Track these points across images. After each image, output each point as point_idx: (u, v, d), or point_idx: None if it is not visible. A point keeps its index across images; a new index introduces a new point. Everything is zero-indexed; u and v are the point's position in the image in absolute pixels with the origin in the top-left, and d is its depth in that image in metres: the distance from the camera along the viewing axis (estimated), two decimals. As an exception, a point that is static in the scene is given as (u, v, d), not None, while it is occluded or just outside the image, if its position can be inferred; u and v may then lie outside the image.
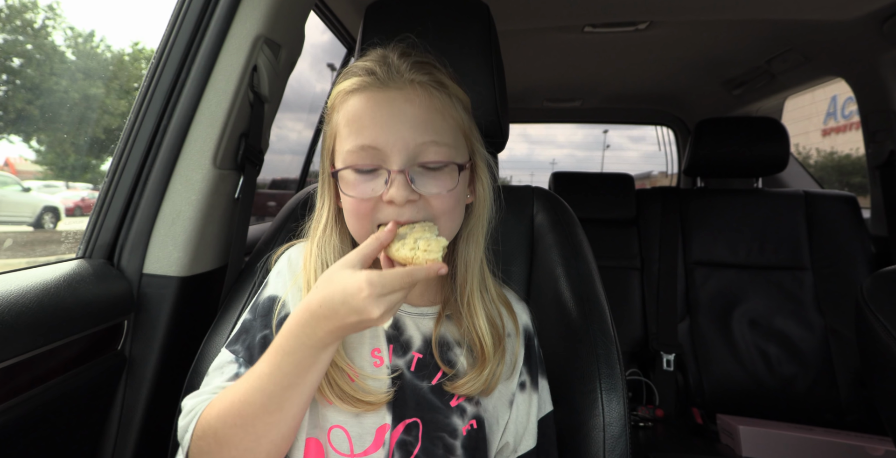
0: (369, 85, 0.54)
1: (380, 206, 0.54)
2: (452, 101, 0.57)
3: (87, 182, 2.99)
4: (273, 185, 3.48)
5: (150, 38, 3.75)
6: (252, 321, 0.60)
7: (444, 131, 0.55)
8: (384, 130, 0.52)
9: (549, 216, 0.84)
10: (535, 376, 0.65)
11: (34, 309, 0.59)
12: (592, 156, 58.23)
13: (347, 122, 0.54)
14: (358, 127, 0.53)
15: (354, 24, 1.54)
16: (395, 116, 0.53)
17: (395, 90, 0.53)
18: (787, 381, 1.54)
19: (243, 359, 0.57)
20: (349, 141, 0.54)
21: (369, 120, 0.53)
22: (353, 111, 0.54)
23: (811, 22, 1.47)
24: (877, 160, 1.60)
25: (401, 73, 0.54)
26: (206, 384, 0.58)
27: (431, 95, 0.55)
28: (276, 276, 0.63)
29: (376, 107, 0.53)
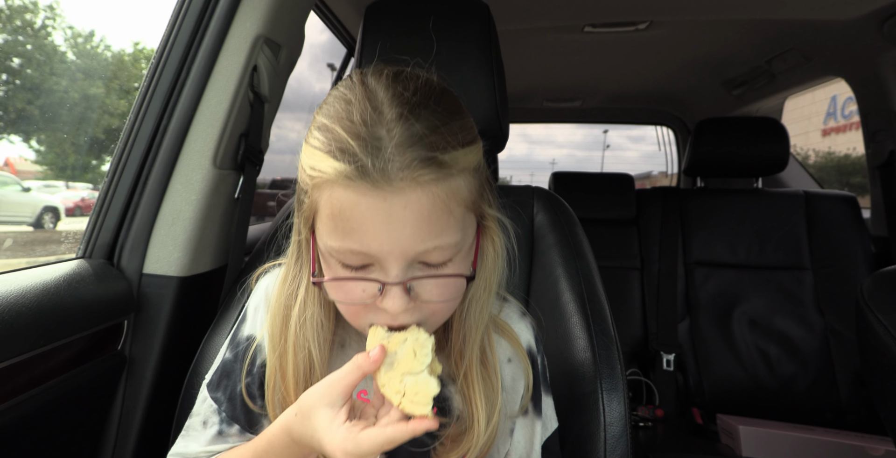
0: (357, 180, 0.41)
1: (372, 307, 0.46)
2: (461, 180, 0.44)
3: (87, 182, 2.99)
4: (273, 185, 3.48)
5: (150, 38, 3.75)
6: (233, 363, 0.56)
7: (449, 230, 0.44)
8: (377, 239, 0.42)
9: (550, 216, 0.84)
10: (538, 398, 0.59)
11: (34, 309, 0.59)
12: (592, 156, 58.30)
13: (331, 215, 0.43)
14: (345, 229, 0.42)
15: (354, 24, 1.54)
16: (391, 223, 0.42)
17: (392, 193, 0.41)
18: (788, 381, 1.54)
19: (226, 414, 0.54)
20: (334, 239, 0.44)
21: (358, 225, 0.42)
22: (337, 208, 0.42)
23: (811, 22, 1.47)
24: (877, 160, 1.60)
25: (399, 169, 0.40)
26: (188, 433, 0.57)
27: (436, 192, 0.42)
28: (252, 312, 0.58)
29: (367, 212, 0.41)
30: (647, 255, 1.77)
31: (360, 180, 0.40)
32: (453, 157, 0.43)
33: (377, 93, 0.43)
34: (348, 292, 0.45)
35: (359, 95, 0.43)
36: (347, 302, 0.47)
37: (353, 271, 0.44)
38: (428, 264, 0.45)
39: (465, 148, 0.44)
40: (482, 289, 0.53)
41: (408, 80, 0.45)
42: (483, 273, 0.53)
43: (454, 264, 0.46)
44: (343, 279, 0.45)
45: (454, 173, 0.44)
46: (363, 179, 0.40)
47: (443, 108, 0.44)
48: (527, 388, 0.58)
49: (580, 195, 1.88)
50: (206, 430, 0.55)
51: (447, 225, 0.44)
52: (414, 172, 0.41)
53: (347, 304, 0.47)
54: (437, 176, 0.42)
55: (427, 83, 0.46)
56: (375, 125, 0.41)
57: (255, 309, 0.59)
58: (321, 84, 2.02)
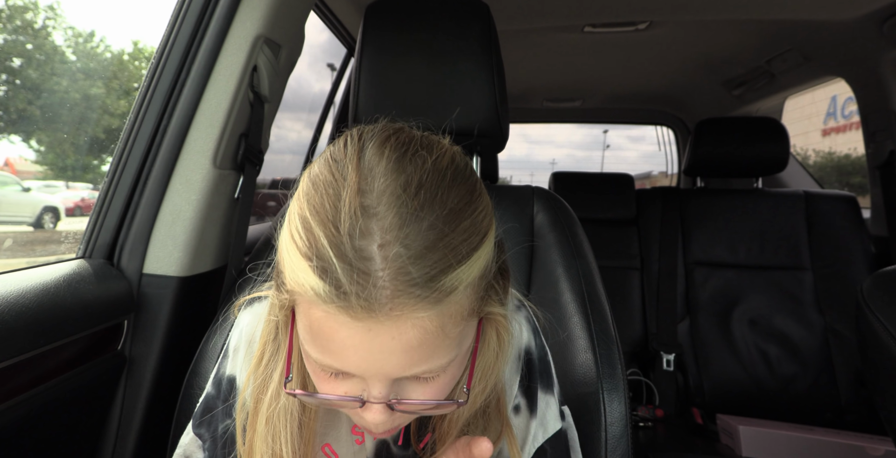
0: (337, 309, 0.34)
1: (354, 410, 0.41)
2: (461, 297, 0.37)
3: (87, 182, 2.99)
4: (273, 185, 3.48)
5: (150, 37, 3.75)
6: (215, 400, 0.53)
7: (441, 351, 0.38)
8: (360, 364, 0.37)
9: (550, 216, 0.84)
10: (532, 397, 0.54)
11: (34, 309, 0.59)
12: (592, 156, 58.28)
13: (310, 329, 0.38)
14: (324, 348, 0.37)
15: (354, 24, 1.54)
16: (375, 353, 0.36)
17: (376, 324, 0.35)
18: (788, 381, 1.54)
19: (208, 453, 0.52)
20: (313, 350, 0.38)
21: (338, 348, 0.36)
22: (317, 325, 0.37)
23: (811, 22, 1.47)
24: (877, 160, 1.60)
25: (386, 299, 0.34)
26: None
27: (427, 324, 0.36)
28: (233, 351, 0.54)
29: (349, 340, 0.36)
30: (647, 255, 1.77)
31: (342, 311, 0.34)
32: (453, 279, 0.36)
33: (373, 185, 0.36)
34: (332, 386, 0.40)
35: (350, 190, 0.35)
36: (326, 406, 0.43)
37: (333, 376, 0.40)
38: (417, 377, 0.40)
39: (469, 260, 0.37)
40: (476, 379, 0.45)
41: (413, 163, 0.37)
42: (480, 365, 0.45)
43: (446, 375, 0.41)
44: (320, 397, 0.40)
45: (453, 298, 0.36)
46: (345, 311, 0.34)
47: (449, 208, 0.36)
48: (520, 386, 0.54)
49: (580, 195, 1.88)
50: None
51: (439, 348, 0.38)
52: (405, 308, 0.34)
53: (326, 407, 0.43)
54: (431, 310, 0.35)
55: (436, 168, 0.38)
56: (365, 239, 0.34)
57: (234, 350, 0.54)
58: (321, 84, 2.02)
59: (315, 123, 1.91)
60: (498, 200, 0.74)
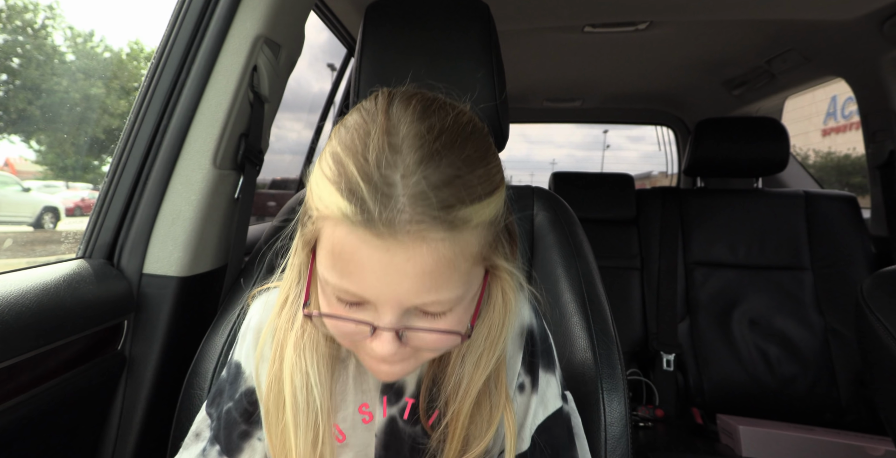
0: (361, 226, 0.38)
1: (365, 340, 0.44)
2: (472, 236, 0.41)
3: (88, 182, 2.99)
4: (273, 185, 3.48)
5: (149, 37, 3.75)
6: (225, 383, 0.56)
7: (450, 285, 0.41)
8: (375, 286, 0.40)
9: (550, 216, 0.84)
10: (535, 375, 0.57)
11: (34, 309, 0.59)
12: (591, 156, 58.29)
13: (331, 252, 0.41)
14: (344, 270, 0.40)
15: (354, 24, 1.54)
16: (391, 274, 0.39)
17: (395, 245, 0.38)
18: (788, 381, 1.54)
19: (213, 432, 0.55)
20: (332, 275, 0.42)
21: (357, 268, 0.40)
22: (338, 246, 0.40)
23: (811, 22, 1.47)
24: (877, 160, 1.60)
25: (407, 222, 0.37)
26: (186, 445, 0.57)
27: (443, 249, 0.39)
28: (241, 338, 0.57)
29: (368, 259, 0.39)
30: (647, 255, 1.77)
31: (365, 228, 0.38)
32: (467, 213, 0.39)
33: (399, 128, 0.40)
34: (340, 327, 0.44)
35: (379, 129, 0.40)
36: (338, 336, 0.46)
37: (348, 307, 0.43)
38: (425, 312, 0.42)
39: (482, 201, 0.40)
40: (482, 339, 0.49)
41: (436, 115, 0.42)
42: (486, 323, 0.49)
43: (453, 315, 0.43)
44: (335, 317, 0.43)
45: (465, 230, 0.40)
46: (367, 227, 0.38)
47: (467, 154, 0.40)
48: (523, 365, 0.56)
49: (580, 195, 1.88)
50: (197, 443, 0.56)
51: (449, 280, 0.41)
52: (422, 229, 0.38)
53: (338, 337, 0.46)
54: (445, 235, 0.39)
55: (457, 121, 0.42)
56: (390, 169, 0.38)
57: (242, 336, 0.57)
58: (321, 84, 2.02)
59: (315, 122, 1.91)
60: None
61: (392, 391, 0.55)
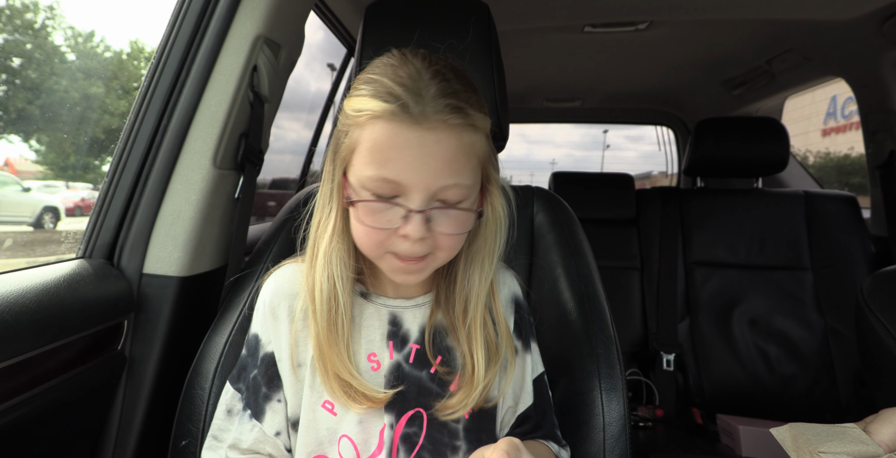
0: (399, 117, 0.49)
1: (393, 237, 0.53)
2: (478, 136, 0.54)
3: (88, 182, 2.99)
4: (273, 185, 3.48)
5: (149, 37, 3.75)
6: (247, 358, 0.63)
7: (466, 172, 0.53)
8: (409, 169, 0.50)
9: (549, 216, 0.84)
10: (526, 341, 0.67)
11: (34, 309, 0.59)
12: (591, 156, 58.32)
13: (371, 148, 0.51)
14: (382, 159, 0.50)
15: (354, 24, 1.54)
16: (423, 156, 0.50)
17: (426, 130, 0.50)
18: (788, 381, 1.54)
19: (244, 402, 0.61)
20: (371, 169, 0.51)
21: (396, 155, 0.50)
22: (378, 140, 0.50)
23: (811, 22, 1.47)
24: (877, 160, 1.60)
25: (435, 112, 0.50)
26: (220, 426, 0.61)
27: (461, 136, 0.52)
28: (256, 311, 0.64)
29: (405, 144, 0.50)
30: (647, 255, 1.77)
31: (402, 117, 0.49)
32: (474, 115, 0.52)
33: (416, 62, 0.53)
34: (377, 217, 0.52)
35: (400, 62, 0.53)
36: (375, 226, 0.53)
37: (382, 201, 0.52)
38: (444, 201, 0.52)
39: (481, 113, 0.54)
40: (483, 246, 0.60)
41: (438, 58, 0.55)
42: (484, 233, 0.60)
43: (465, 204, 0.54)
44: (373, 201, 0.52)
45: (475, 127, 0.53)
46: (404, 116, 0.49)
47: (466, 81, 0.54)
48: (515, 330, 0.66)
49: (580, 195, 1.88)
50: (232, 417, 0.61)
51: (466, 167, 0.53)
52: (446, 117, 0.50)
53: (375, 228, 0.53)
54: (463, 123, 0.51)
55: (452, 65, 0.56)
56: (417, 81, 0.50)
57: (256, 309, 0.64)
58: (321, 84, 2.02)
59: (314, 122, 1.91)
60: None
61: (398, 338, 0.62)
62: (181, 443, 0.67)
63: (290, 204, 0.87)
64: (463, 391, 0.58)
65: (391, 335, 0.62)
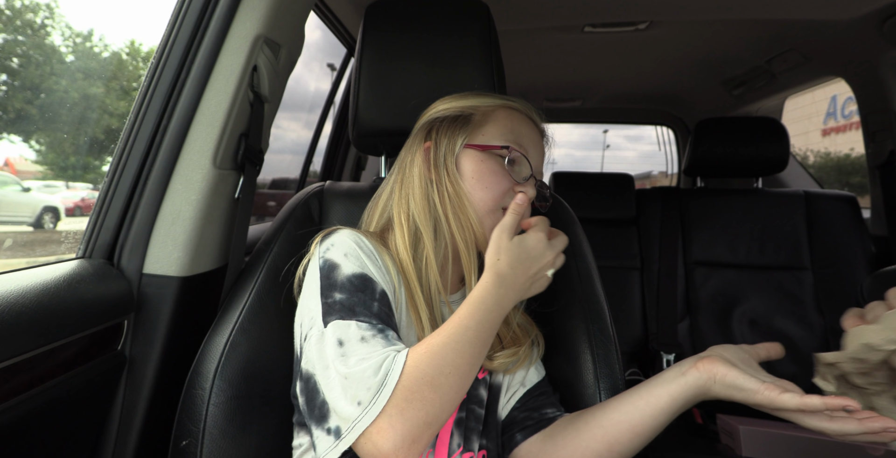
0: (529, 114, 0.72)
1: (509, 193, 0.66)
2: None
3: (88, 182, 2.99)
4: (273, 185, 3.48)
5: (149, 37, 3.75)
6: (352, 298, 0.57)
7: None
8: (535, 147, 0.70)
9: (549, 216, 0.84)
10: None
11: (34, 309, 0.59)
12: (590, 156, 58.27)
13: (509, 125, 0.69)
14: (519, 134, 0.69)
15: (354, 24, 1.54)
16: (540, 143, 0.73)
17: (541, 132, 0.73)
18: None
19: (382, 325, 0.55)
20: (508, 136, 0.68)
21: (528, 132, 0.70)
22: (516, 122, 0.70)
23: (811, 22, 1.47)
24: (877, 160, 1.60)
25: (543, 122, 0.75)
26: (355, 353, 0.52)
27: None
28: (343, 257, 0.61)
29: (533, 131, 0.71)
30: (647, 255, 1.77)
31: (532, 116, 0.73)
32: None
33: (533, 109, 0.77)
34: (513, 169, 0.67)
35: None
36: (510, 174, 0.67)
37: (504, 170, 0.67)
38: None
39: None
40: None
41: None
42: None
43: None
44: (517, 151, 0.67)
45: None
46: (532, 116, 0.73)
47: None
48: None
49: (580, 195, 1.88)
50: (370, 341, 0.53)
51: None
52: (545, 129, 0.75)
53: (508, 178, 0.67)
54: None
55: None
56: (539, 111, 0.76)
57: (345, 255, 0.61)
58: (321, 84, 2.02)
59: (314, 122, 1.91)
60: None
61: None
62: (181, 443, 0.67)
63: (290, 205, 0.86)
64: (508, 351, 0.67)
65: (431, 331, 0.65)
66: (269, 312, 0.74)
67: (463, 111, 0.70)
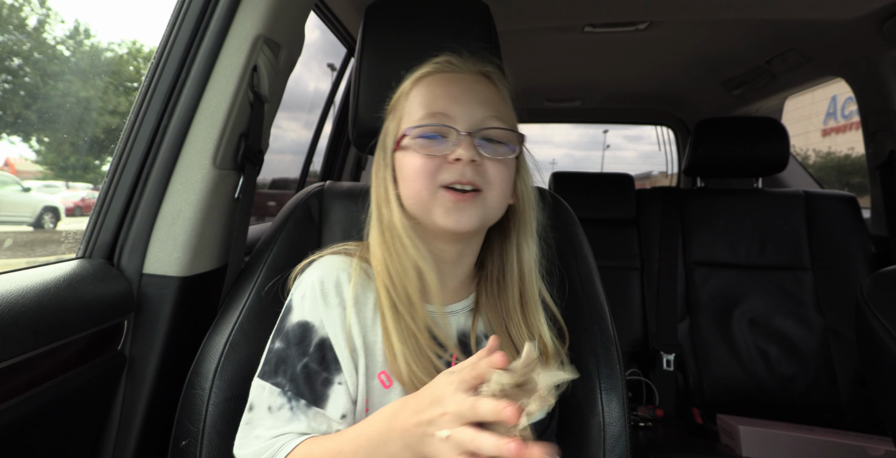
0: (442, 69, 0.62)
1: (444, 166, 0.58)
2: (510, 102, 0.64)
3: (88, 182, 2.99)
4: (273, 185, 3.48)
5: (149, 37, 3.75)
6: (287, 350, 0.59)
7: (504, 114, 0.61)
8: (455, 101, 0.59)
9: (549, 216, 0.84)
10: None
11: (34, 309, 0.59)
12: (589, 156, 58.29)
13: (419, 100, 0.61)
14: (431, 99, 0.60)
15: (354, 24, 1.54)
16: (465, 91, 0.60)
17: (466, 73, 0.62)
18: (787, 381, 1.54)
19: (291, 392, 0.57)
20: (421, 110, 0.60)
21: (441, 91, 0.60)
22: (426, 88, 0.61)
23: (811, 22, 1.47)
24: (877, 160, 1.60)
25: (472, 63, 0.64)
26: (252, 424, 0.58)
27: (499, 86, 0.63)
28: (300, 299, 0.62)
29: (449, 83, 0.61)
30: (647, 255, 1.77)
31: (444, 68, 0.63)
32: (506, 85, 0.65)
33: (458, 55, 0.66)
34: (431, 148, 0.58)
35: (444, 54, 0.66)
36: (428, 153, 0.58)
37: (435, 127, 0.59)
38: (488, 138, 0.59)
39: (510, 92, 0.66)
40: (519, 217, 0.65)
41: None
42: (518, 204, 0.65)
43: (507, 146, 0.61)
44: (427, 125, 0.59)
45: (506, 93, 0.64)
46: (446, 67, 0.63)
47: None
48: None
49: (580, 195, 1.88)
50: (275, 413, 0.57)
51: (503, 110, 0.61)
52: (485, 69, 0.63)
53: (430, 155, 0.58)
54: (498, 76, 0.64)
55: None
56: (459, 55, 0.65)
57: (301, 298, 0.62)
58: (321, 84, 2.02)
59: (314, 122, 1.91)
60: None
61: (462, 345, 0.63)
62: (181, 443, 0.67)
63: (290, 205, 0.87)
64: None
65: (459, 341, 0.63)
66: (268, 312, 0.74)
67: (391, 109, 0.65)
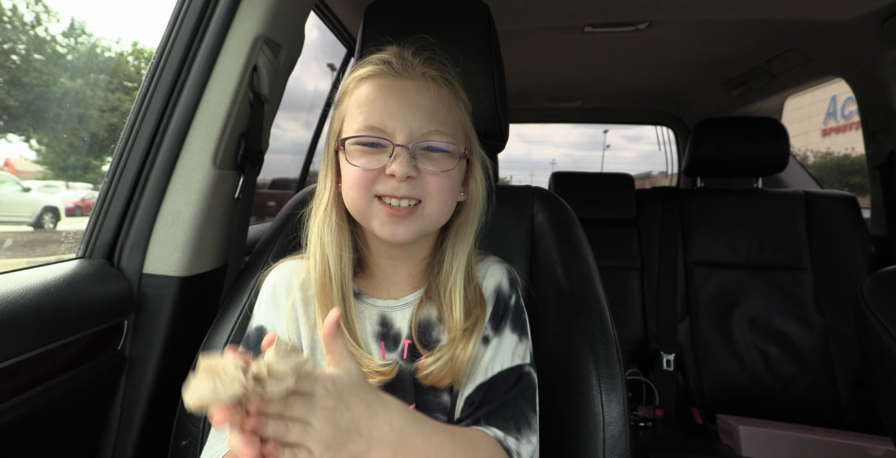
0: (383, 73, 0.57)
1: (381, 178, 0.56)
2: (457, 100, 0.61)
3: (88, 182, 2.99)
4: (273, 185, 3.48)
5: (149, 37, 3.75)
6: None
7: (448, 123, 0.58)
8: (393, 116, 0.55)
9: (549, 216, 0.84)
10: (500, 329, 0.64)
11: (34, 309, 0.59)
12: (590, 156, 58.36)
13: (358, 105, 0.57)
14: (368, 110, 0.56)
15: (354, 24, 1.54)
16: (404, 103, 0.56)
17: (407, 80, 0.57)
18: (787, 381, 1.54)
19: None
20: (358, 121, 0.56)
21: (380, 104, 0.56)
22: (364, 95, 0.57)
23: (811, 22, 1.47)
24: (877, 160, 1.60)
25: (414, 67, 0.58)
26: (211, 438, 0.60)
27: (440, 89, 0.58)
28: (258, 306, 0.65)
29: (388, 93, 0.56)
30: (647, 255, 1.77)
31: (386, 72, 0.57)
32: (457, 86, 0.61)
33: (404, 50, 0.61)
34: (366, 158, 0.56)
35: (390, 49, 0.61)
36: (363, 166, 0.56)
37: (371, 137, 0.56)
38: (428, 149, 0.56)
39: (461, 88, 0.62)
40: (466, 215, 0.64)
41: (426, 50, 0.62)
42: (468, 202, 0.64)
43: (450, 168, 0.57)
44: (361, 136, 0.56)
45: (456, 93, 0.61)
46: (388, 71, 0.57)
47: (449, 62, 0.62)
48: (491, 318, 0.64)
49: (580, 195, 1.88)
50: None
51: (448, 119, 0.58)
52: (428, 72, 0.58)
53: (365, 168, 0.56)
54: (445, 82, 0.59)
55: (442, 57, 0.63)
56: (401, 51, 0.60)
57: (258, 303, 0.65)
58: (320, 84, 2.02)
59: (315, 123, 1.91)
60: (498, 200, 0.74)
61: (389, 338, 0.63)
62: (181, 443, 0.67)
63: (291, 204, 0.87)
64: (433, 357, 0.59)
65: (381, 336, 0.63)
66: (269, 312, 0.74)
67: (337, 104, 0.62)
